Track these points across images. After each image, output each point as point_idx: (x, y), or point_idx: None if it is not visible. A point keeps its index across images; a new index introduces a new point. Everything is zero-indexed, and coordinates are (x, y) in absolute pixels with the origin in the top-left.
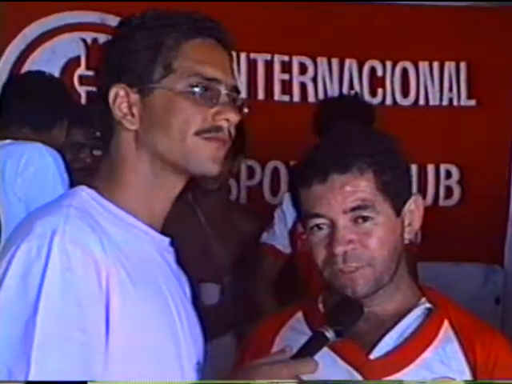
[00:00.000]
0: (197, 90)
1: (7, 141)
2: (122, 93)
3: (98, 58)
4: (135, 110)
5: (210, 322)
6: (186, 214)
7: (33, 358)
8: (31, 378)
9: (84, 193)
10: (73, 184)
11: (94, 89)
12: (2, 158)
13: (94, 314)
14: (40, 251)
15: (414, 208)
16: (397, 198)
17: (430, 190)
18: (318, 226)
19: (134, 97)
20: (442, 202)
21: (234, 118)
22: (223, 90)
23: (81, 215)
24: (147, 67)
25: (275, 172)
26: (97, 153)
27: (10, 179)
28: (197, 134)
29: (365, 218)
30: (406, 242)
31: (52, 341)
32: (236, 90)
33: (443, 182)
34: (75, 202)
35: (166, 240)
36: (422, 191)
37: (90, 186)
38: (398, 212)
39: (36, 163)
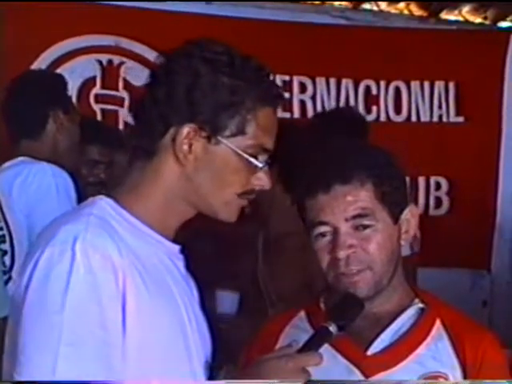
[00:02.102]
0: (254, 160)
1: (19, 158)
2: (192, 134)
3: (168, 79)
4: (195, 149)
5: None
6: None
7: (60, 353)
8: (58, 372)
9: (103, 202)
10: (85, 198)
11: (108, 107)
12: (11, 177)
13: (113, 312)
14: (63, 256)
15: (410, 217)
16: (394, 207)
17: (421, 200)
18: (322, 234)
19: (201, 140)
20: (431, 212)
21: (268, 186)
22: (268, 160)
23: (100, 223)
24: (224, 121)
25: None
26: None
27: (16, 197)
28: (237, 194)
29: (365, 226)
30: (403, 247)
31: (76, 337)
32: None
33: (433, 193)
34: (95, 210)
35: (177, 247)
36: (413, 201)
37: (109, 196)
38: (396, 220)
39: (37, 182)
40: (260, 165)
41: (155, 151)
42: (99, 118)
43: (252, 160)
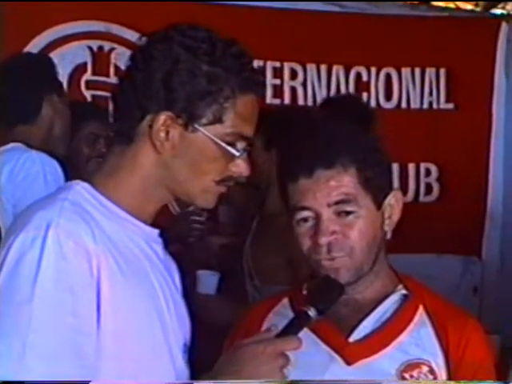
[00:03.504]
0: (231, 148)
1: (10, 145)
2: (168, 121)
3: (148, 67)
4: (172, 137)
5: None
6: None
7: (28, 342)
8: (26, 359)
9: (79, 187)
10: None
11: (99, 93)
12: (0, 164)
13: (86, 300)
14: (35, 242)
15: (394, 202)
16: (378, 193)
17: (411, 186)
18: (304, 219)
19: (177, 127)
20: (422, 198)
21: (247, 173)
22: (247, 147)
23: (74, 208)
24: (201, 109)
25: None
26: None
27: (4, 186)
28: (215, 181)
29: (347, 212)
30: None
31: (46, 325)
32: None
33: (423, 180)
34: (70, 195)
35: (155, 231)
36: (404, 188)
37: (86, 180)
38: (379, 206)
39: (25, 171)
40: (237, 153)
41: (133, 137)
42: None
43: (229, 148)
